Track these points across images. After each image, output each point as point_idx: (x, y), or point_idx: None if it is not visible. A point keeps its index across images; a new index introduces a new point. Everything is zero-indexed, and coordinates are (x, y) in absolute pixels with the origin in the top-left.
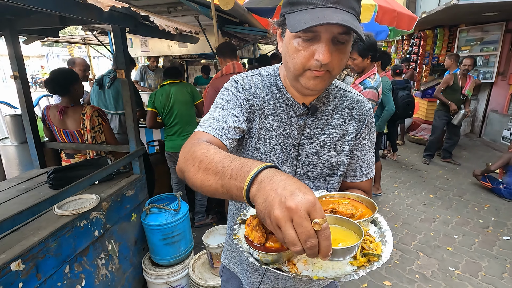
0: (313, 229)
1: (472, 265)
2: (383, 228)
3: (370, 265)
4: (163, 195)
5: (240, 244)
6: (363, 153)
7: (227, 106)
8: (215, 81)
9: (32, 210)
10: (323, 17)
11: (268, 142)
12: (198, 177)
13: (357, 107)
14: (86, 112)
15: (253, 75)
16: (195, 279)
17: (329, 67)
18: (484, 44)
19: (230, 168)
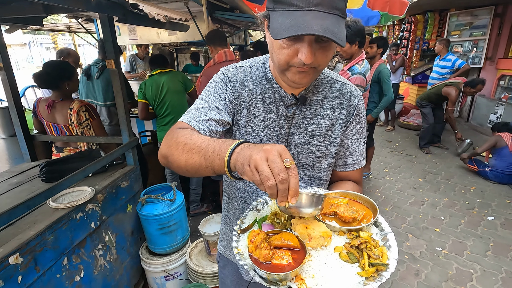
0: (284, 166)
1: (458, 244)
2: (385, 230)
3: (379, 276)
4: (158, 186)
5: (243, 260)
6: (353, 143)
7: (211, 99)
8: (208, 69)
9: (27, 204)
10: (303, 24)
11: (257, 133)
12: (183, 158)
13: (346, 97)
14: (73, 107)
15: (242, 66)
16: (193, 266)
17: (314, 64)
18: (473, 28)
19: (213, 145)
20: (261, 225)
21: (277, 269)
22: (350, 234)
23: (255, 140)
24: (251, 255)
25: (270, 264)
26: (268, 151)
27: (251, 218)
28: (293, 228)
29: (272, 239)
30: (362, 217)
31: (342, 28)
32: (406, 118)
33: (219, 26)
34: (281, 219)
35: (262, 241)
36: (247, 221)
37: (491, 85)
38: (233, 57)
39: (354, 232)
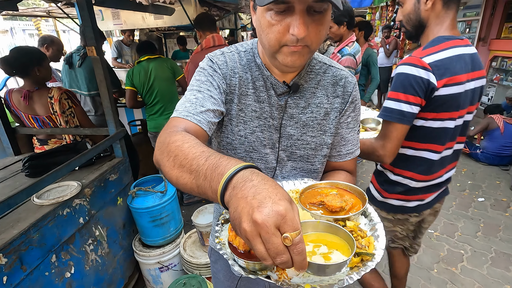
0: (282, 245)
1: (449, 226)
2: (374, 220)
3: (364, 266)
4: (148, 177)
5: (224, 250)
6: (347, 132)
7: (204, 88)
8: (195, 56)
9: (8, 203)
10: None
11: (248, 124)
12: (174, 174)
13: (341, 83)
14: (53, 95)
15: (229, 52)
16: (187, 257)
17: (307, 41)
18: (467, 9)
19: (204, 168)
20: None
21: (256, 258)
22: (336, 223)
23: (246, 132)
24: (230, 244)
25: (249, 253)
26: (260, 226)
27: None
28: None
29: None
30: (350, 207)
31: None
32: None
33: (208, 9)
34: None
35: None
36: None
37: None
38: (222, 41)
39: (341, 221)
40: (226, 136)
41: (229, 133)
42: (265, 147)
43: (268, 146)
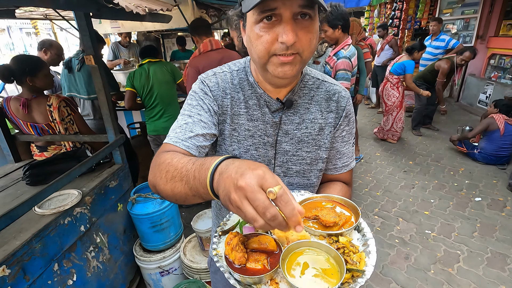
0: (268, 199)
1: (446, 226)
2: (367, 236)
3: (354, 282)
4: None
5: (221, 262)
6: (342, 145)
7: (194, 112)
8: (193, 60)
9: (10, 215)
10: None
11: (242, 144)
12: (168, 187)
13: (334, 98)
14: (52, 103)
15: (221, 72)
16: (187, 262)
17: (297, 48)
18: (465, 6)
19: (192, 170)
20: (243, 228)
21: (250, 273)
22: (329, 238)
23: (240, 151)
24: (226, 258)
25: (245, 267)
26: (244, 189)
27: (234, 220)
28: (272, 231)
29: (250, 242)
30: (344, 222)
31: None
32: None
33: (205, 11)
34: None
35: (237, 244)
36: (230, 223)
37: (481, 64)
38: (219, 45)
39: (334, 236)
40: (221, 155)
41: (224, 152)
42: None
43: (263, 163)
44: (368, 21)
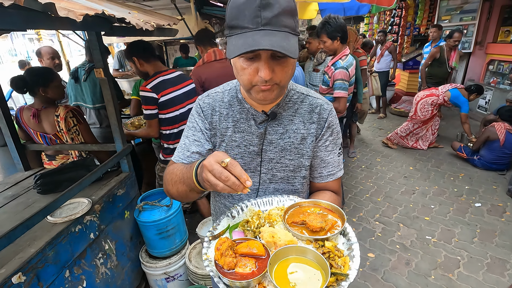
0: (222, 167)
1: (447, 232)
2: (351, 240)
3: (338, 285)
4: (154, 191)
5: (210, 267)
6: (326, 154)
7: (190, 133)
8: (197, 69)
9: (26, 224)
10: (252, 43)
11: (229, 153)
12: (174, 189)
13: (316, 111)
14: (59, 114)
15: (214, 93)
16: (192, 268)
17: (275, 80)
18: (463, 13)
19: (185, 172)
20: (232, 232)
21: (239, 277)
22: (316, 243)
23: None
24: (216, 263)
25: (234, 272)
26: (207, 166)
27: (224, 225)
28: (261, 236)
29: (239, 247)
30: (330, 227)
31: (293, 42)
32: (397, 105)
33: (208, 22)
34: (251, 226)
35: (227, 249)
36: (220, 228)
37: (480, 70)
38: (223, 55)
39: (320, 241)
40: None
41: None
42: (247, 171)
43: (249, 170)
44: (368, 27)
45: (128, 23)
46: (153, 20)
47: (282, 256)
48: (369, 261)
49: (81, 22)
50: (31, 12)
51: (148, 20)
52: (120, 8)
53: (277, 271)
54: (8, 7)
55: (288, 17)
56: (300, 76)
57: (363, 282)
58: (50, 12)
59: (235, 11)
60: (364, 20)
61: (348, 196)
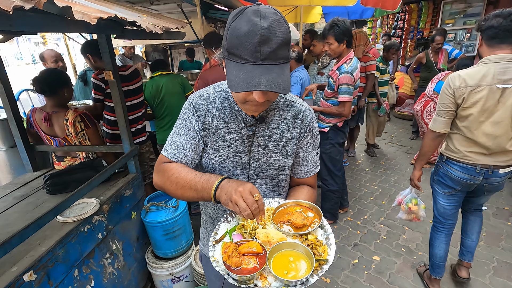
0: (253, 199)
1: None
2: (328, 231)
3: (321, 269)
4: (160, 192)
5: (219, 267)
6: (307, 155)
7: (183, 132)
8: (204, 73)
9: (37, 223)
10: (253, 80)
11: (221, 152)
12: (178, 193)
13: (299, 117)
14: (68, 118)
15: (206, 93)
16: (198, 269)
17: (267, 99)
18: (466, 17)
19: (200, 183)
20: (232, 235)
21: (245, 272)
22: (301, 237)
23: (220, 158)
24: (225, 263)
25: (240, 268)
26: (242, 192)
27: (223, 230)
28: (257, 237)
29: (241, 248)
30: (310, 222)
31: (286, 73)
32: (401, 108)
33: (214, 25)
34: (247, 229)
35: (233, 251)
36: (220, 233)
37: None
38: None
39: (304, 235)
40: (205, 161)
41: (207, 159)
42: (236, 169)
43: (239, 167)
44: (371, 31)
45: (139, 26)
46: (162, 23)
47: (276, 251)
48: (374, 264)
49: (95, 25)
50: (49, 15)
51: (157, 24)
52: (129, 12)
53: (274, 264)
54: (28, 10)
55: (284, 48)
56: (306, 79)
57: (369, 285)
58: (67, 15)
59: (236, 41)
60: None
61: (352, 199)
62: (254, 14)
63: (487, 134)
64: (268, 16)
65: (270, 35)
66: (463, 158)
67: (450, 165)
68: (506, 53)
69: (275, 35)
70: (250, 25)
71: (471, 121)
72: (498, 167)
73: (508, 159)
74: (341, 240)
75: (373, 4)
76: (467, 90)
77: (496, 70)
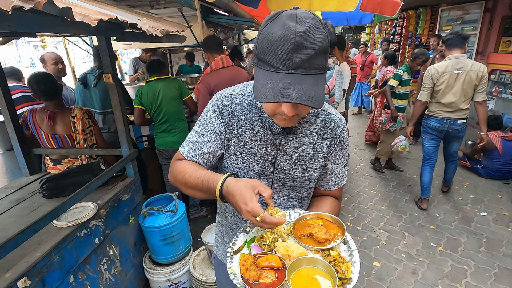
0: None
1: (453, 241)
2: (351, 247)
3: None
4: (159, 196)
5: (236, 280)
6: (335, 167)
7: (203, 133)
8: (205, 77)
9: (33, 227)
10: (282, 91)
11: (245, 159)
12: (189, 192)
13: (330, 127)
14: (76, 115)
15: (233, 94)
16: (197, 275)
17: (297, 114)
18: (464, 23)
19: (207, 182)
20: (250, 246)
21: (263, 287)
22: (322, 252)
23: (243, 165)
24: (242, 276)
25: (258, 283)
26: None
27: (241, 240)
28: (276, 250)
29: (259, 261)
30: (333, 237)
31: (320, 86)
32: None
33: (214, 30)
34: (266, 241)
35: (251, 264)
36: (238, 243)
37: None
38: (230, 63)
39: (326, 250)
40: (226, 167)
41: (229, 164)
42: (260, 178)
43: (262, 177)
44: (369, 36)
45: (139, 29)
46: (162, 27)
47: (296, 267)
48: (374, 270)
49: (95, 27)
50: (49, 17)
51: (157, 27)
52: (130, 15)
53: (293, 280)
54: (27, 11)
55: (320, 57)
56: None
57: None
58: (67, 17)
59: (267, 46)
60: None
61: (352, 204)
62: (289, 19)
63: (449, 100)
64: (305, 21)
65: (306, 41)
66: (437, 114)
67: (429, 119)
68: (458, 53)
69: (311, 42)
70: (284, 30)
71: (441, 93)
72: (456, 119)
73: (462, 114)
74: None
75: (372, 10)
76: (438, 75)
77: (453, 63)
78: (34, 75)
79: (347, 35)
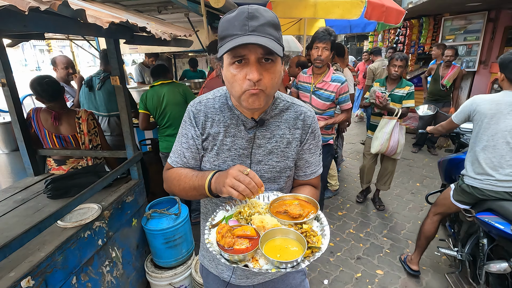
0: (245, 176)
1: None
2: (323, 223)
3: (313, 255)
4: (162, 199)
5: (212, 248)
6: (310, 156)
7: (184, 141)
8: (210, 81)
9: (38, 227)
10: (240, 41)
11: (220, 156)
12: (183, 195)
13: (301, 118)
14: (81, 116)
15: (205, 99)
16: (198, 279)
17: (261, 85)
18: (467, 33)
19: (197, 182)
20: (228, 221)
21: (237, 252)
22: (296, 226)
23: (219, 161)
24: (218, 243)
25: (232, 249)
26: (232, 173)
27: (220, 216)
28: (252, 222)
29: (235, 231)
30: (306, 214)
31: (278, 47)
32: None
33: None
34: (243, 215)
35: (227, 232)
36: (217, 218)
37: (485, 88)
38: None
39: (299, 224)
40: (205, 165)
41: (207, 162)
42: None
43: None
44: (372, 45)
45: (148, 32)
46: (170, 31)
47: (270, 237)
48: (377, 278)
49: (106, 29)
50: (62, 18)
51: (165, 31)
52: (138, 19)
53: (266, 248)
54: (42, 12)
55: (273, 29)
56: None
57: None
58: (80, 19)
59: (226, 24)
60: (368, 38)
61: (355, 211)
62: (242, 7)
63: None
64: (255, 6)
65: (257, 14)
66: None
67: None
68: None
69: (262, 15)
70: (238, 9)
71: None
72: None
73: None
74: (344, 253)
75: (377, 18)
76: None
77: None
78: (36, 78)
79: (350, 43)
